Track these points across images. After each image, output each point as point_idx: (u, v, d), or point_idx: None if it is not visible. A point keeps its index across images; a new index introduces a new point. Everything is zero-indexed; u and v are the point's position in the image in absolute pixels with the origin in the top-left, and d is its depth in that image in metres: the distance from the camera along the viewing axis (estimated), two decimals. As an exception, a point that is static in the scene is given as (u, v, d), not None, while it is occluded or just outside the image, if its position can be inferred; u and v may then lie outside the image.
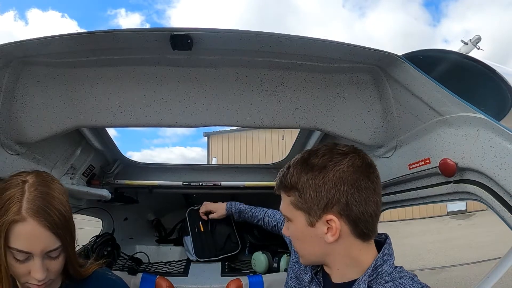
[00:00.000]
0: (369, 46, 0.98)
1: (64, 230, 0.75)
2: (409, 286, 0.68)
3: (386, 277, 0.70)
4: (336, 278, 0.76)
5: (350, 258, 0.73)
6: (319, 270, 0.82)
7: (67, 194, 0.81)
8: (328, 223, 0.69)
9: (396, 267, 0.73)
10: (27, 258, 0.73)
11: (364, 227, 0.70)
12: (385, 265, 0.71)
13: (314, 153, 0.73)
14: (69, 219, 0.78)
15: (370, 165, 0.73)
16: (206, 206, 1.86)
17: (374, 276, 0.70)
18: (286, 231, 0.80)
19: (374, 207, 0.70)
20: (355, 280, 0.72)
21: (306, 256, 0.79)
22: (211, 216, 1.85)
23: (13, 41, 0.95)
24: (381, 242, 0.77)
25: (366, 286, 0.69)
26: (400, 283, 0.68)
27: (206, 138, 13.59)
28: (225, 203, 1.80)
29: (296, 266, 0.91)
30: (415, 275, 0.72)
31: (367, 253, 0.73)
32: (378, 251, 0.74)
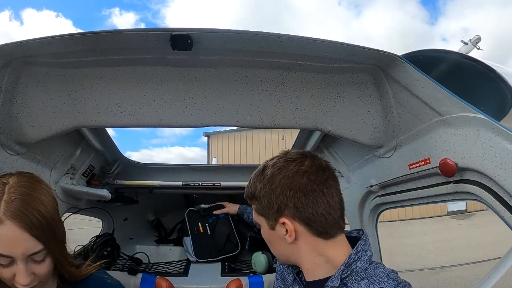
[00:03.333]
0: (369, 46, 0.98)
1: (45, 232, 0.72)
2: (384, 283, 0.68)
3: (361, 274, 0.71)
4: (308, 277, 0.79)
5: (317, 256, 0.75)
6: (300, 270, 0.84)
7: (52, 195, 0.79)
8: (284, 225, 0.75)
9: (372, 263, 0.73)
10: (11, 262, 0.70)
11: (318, 227, 0.73)
12: (359, 262, 0.72)
13: (268, 163, 0.80)
14: (53, 220, 0.75)
15: (319, 168, 0.76)
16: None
17: (348, 273, 0.71)
18: (262, 235, 0.86)
19: (325, 207, 0.73)
20: (330, 277, 0.73)
21: (278, 256, 0.85)
22: (219, 211, 1.99)
23: (11, 41, 0.95)
24: (358, 239, 0.78)
25: (339, 282, 0.70)
26: (375, 280, 0.69)
27: (206, 138, 13.60)
28: (237, 206, 2.00)
29: (281, 267, 0.95)
30: (393, 271, 0.72)
31: (335, 250, 0.75)
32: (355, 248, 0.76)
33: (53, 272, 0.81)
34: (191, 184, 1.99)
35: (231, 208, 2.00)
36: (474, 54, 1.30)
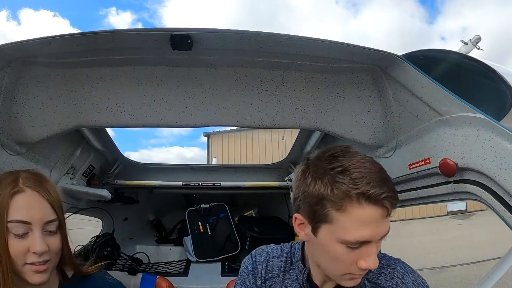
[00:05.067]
0: (369, 46, 0.98)
1: (59, 207, 0.78)
2: (400, 267, 0.74)
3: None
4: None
5: None
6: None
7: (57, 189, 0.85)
8: None
9: (384, 255, 0.78)
10: (26, 233, 0.72)
11: None
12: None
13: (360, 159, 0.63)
14: (61, 203, 0.81)
15: None
16: None
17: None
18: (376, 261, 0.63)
19: None
20: None
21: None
22: None
23: (9, 41, 0.95)
24: None
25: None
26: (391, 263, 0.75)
27: (206, 138, 13.59)
28: None
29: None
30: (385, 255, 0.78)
31: None
32: None
33: (56, 269, 0.82)
34: (191, 184, 1.99)
35: None
36: (474, 54, 1.30)
